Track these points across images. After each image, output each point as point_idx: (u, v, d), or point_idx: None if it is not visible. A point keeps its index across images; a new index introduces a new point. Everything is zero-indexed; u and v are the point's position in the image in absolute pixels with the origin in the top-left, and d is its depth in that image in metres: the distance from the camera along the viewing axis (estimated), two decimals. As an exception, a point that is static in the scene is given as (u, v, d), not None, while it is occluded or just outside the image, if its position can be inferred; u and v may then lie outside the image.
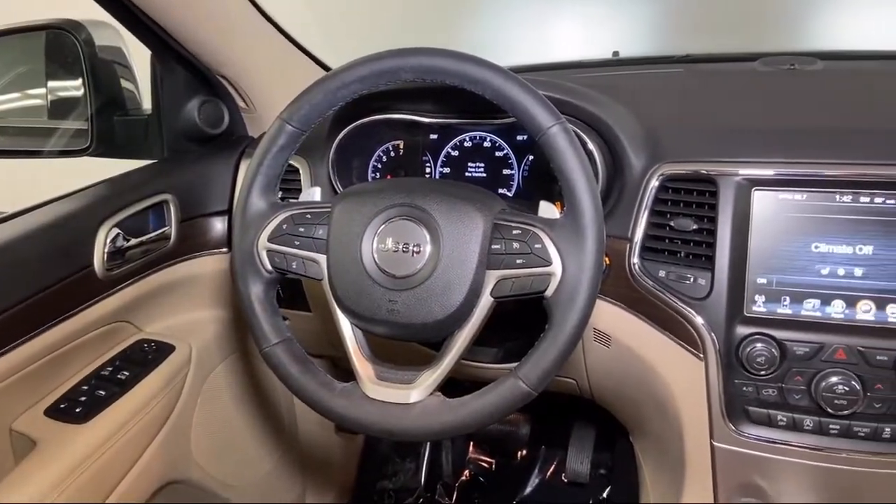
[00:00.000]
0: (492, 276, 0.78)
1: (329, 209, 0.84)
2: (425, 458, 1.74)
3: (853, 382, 0.84)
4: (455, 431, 0.80)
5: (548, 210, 0.82)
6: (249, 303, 0.85)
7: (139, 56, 1.30)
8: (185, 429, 1.31)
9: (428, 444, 1.74)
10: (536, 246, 0.77)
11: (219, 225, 1.29)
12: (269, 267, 0.85)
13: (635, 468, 1.27)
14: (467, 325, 0.79)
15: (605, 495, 1.63)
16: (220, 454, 1.41)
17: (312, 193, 0.89)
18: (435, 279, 0.78)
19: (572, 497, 1.67)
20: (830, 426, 0.86)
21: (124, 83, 1.31)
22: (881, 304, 0.85)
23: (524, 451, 1.76)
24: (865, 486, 0.89)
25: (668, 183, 0.93)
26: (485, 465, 1.79)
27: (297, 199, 0.88)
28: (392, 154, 1.17)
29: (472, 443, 1.80)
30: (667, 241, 0.93)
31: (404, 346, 1.04)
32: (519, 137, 1.10)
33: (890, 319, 0.85)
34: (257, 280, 0.85)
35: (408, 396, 0.80)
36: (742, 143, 0.93)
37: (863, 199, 0.86)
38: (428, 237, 0.79)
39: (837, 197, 0.87)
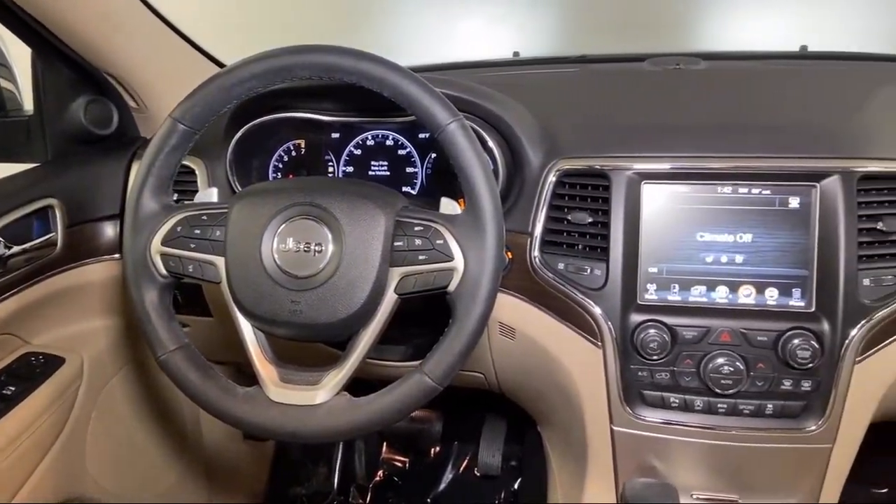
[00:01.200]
0: (395, 273, 0.79)
1: (226, 210, 0.82)
2: (338, 461, 1.72)
3: (737, 363, 0.89)
4: (363, 430, 0.80)
5: (449, 206, 0.83)
6: (143, 309, 0.82)
7: (20, 54, 1.23)
8: (79, 444, 1.25)
9: (340, 446, 1.72)
10: (438, 242, 0.78)
11: (110, 230, 1.23)
12: (163, 271, 0.82)
13: (544, 458, 1.31)
14: (372, 322, 0.79)
15: (516, 487, 1.66)
16: (119, 469, 1.35)
17: (209, 194, 0.87)
18: (338, 278, 0.78)
19: (484, 490, 1.69)
20: (719, 405, 0.92)
21: (3, 83, 1.23)
22: (761, 289, 0.91)
23: (437, 448, 1.77)
24: (752, 459, 0.95)
25: (565, 178, 0.96)
26: (398, 464, 1.79)
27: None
28: (293, 153, 1.16)
29: (385, 443, 1.80)
30: (565, 234, 0.96)
31: (309, 347, 1.03)
32: (421, 136, 1.11)
33: (769, 302, 0.91)
34: (151, 286, 0.82)
35: (313, 398, 0.79)
36: (632, 138, 0.97)
37: (742, 190, 0.92)
38: (330, 236, 0.79)
39: (719, 189, 0.92)
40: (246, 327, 0.82)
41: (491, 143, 1.00)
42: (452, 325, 0.78)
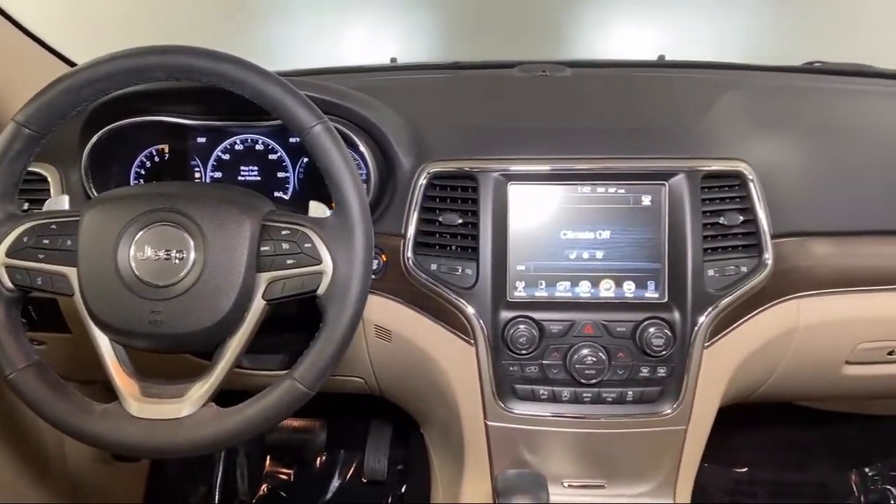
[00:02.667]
0: (262, 279, 0.78)
1: (78, 217, 0.77)
2: (218, 478, 1.66)
3: (600, 353, 0.94)
4: (232, 440, 0.78)
5: (318, 209, 0.83)
6: None
7: None
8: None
9: (220, 462, 1.66)
10: (306, 245, 0.78)
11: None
12: (8, 285, 0.77)
13: (427, 459, 1.32)
14: (239, 330, 0.78)
15: (403, 490, 1.67)
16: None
17: (59, 202, 0.82)
18: (201, 286, 0.76)
19: (371, 496, 1.69)
20: (584, 395, 0.96)
21: None
22: (619, 282, 0.97)
23: (323, 457, 1.74)
24: (616, 445, 1.00)
25: (435, 180, 0.98)
26: (283, 476, 1.75)
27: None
28: (157, 159, 1.11)
29: (268, 456, 1.75)
30: (437, 235, 0.98)
31: (174, 359, 0.99)
32: (292, 139, 1.09)
33: (627, 295, 0.96)
34: None
35: (179, 411, 0.77)
36: (499, 141, 1.00)
37: (600, 189, 0.97)
38: (191, 243, 0.76)
39: (580, 189, 0.97)
40: (103, 341, 0.78)
41: (362, 147, 1.01)
42: (323, 328, 0.78)
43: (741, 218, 0.95)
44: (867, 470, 1.70)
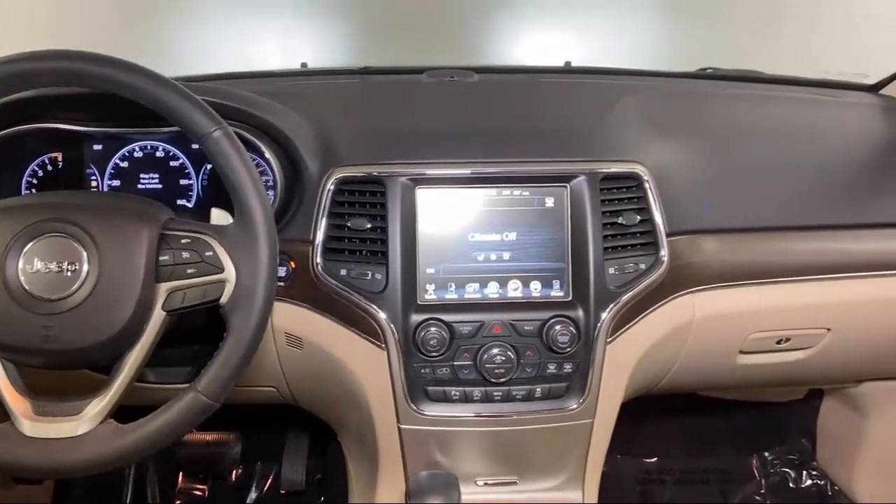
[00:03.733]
0: (162, 289, 0.76)
1: None
2: (128, 496, 1.59)
3: (509, 352, 0.96)
4: (133, 457, 0.76)
5: (220, 217, 0.81)
6: None
7: None
8: None
9: (130, 479, 1.60)
10: (207, 254, 0.76)
11: None
12: None
13: (345, 467, 1.31)
14: (138, 343, 0.76)
15: (321, 499, 1.65)
16: None
17: None
18: (96, 298, 0.73)
19: (290, 507, 1.66)
20: (494, 393, 0.98)
21: None
22: (526, 282, 0.99)
23: (239, 470, 1.70)
24: (527, 441, 1.03)
25: (343, 185, 0.98)
26: (197, 492, 1.70)
27: None
28: (50, 168, 1.06)
29: (181, 472, 1.69)
30: (346, 240, 0.98)
31: (71, 376, 0.95)
32: (195, 146, 1.07)
33: (534, 294, 0.99)
34: None
35: (75, 429, 0.74)
36: (406, 146, 1.01)
37: (505, 192, 0.99)
38: (84, 254, 0.74)
39: (486, 191, 0.99)
40: None
41: (268, 153, 1.00)
42: (227, 338, 0.77)
43: (638, 217, 0.99)
44: (767, 454, 1.80)
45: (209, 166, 1.07)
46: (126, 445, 0.73)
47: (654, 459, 1.79)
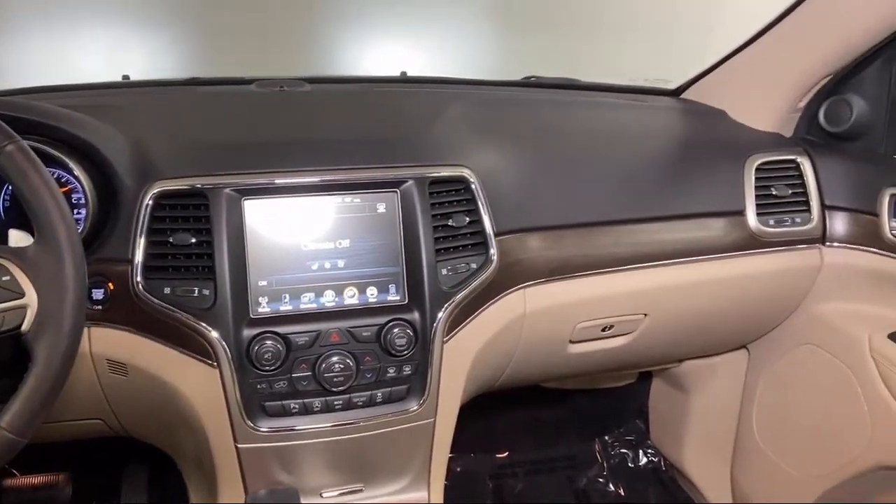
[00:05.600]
0: None
1: None
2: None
3: (347, 360, 0.96)
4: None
5: (19, 238, 0.75)
6: None
7: None
8: None
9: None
10: (4, 278, 0.70)
11: None
12: None
13: (187, 494, 1.24)
14: None
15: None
16: None
17: None
18: None
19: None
20: (335, 402, 0.97)
21: None
22: (362, 289, 0.99)
23: (71, 514, 1.56)
24: (371, 447, 1.02)
25: (164, 200, 0.93)
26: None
27: None
28: None
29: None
30: (169, 257, 0.93)
31: None
32: (-8, 163, 0.97)
33: (370, 300, 0.99)
34: None
35: None
36: (232, 157, 0.98)
37: (337, 199, 0.99)
38: None
39: (317, 200, 0.98)
40: None
41: (77, 170, 0.93)
42: (32, 369, 0.71)
43: (468, 219, 1.02)
44: (607, 438, 1.92)
45: (9, 186, 0.98)
46: None
47: (506, 454, 1.86)
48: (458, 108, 1.22)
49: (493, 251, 1.03)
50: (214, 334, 0.92)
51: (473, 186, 1.03)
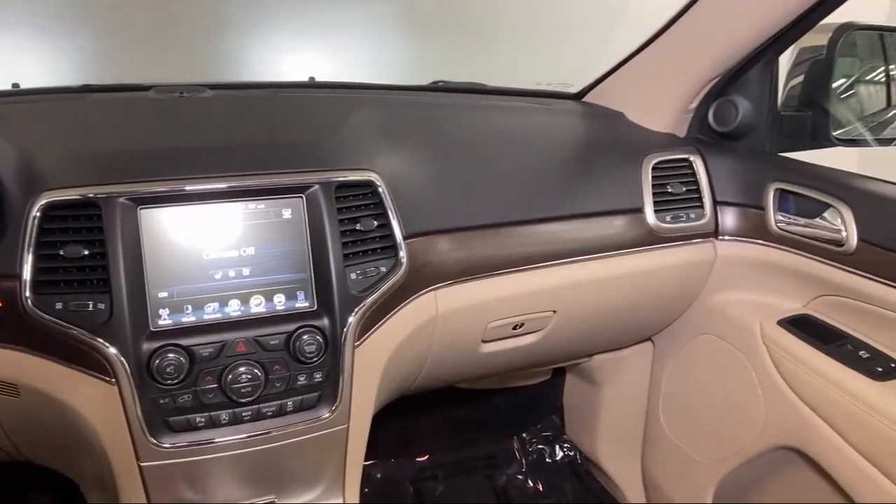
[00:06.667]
0: None
1: None
2: None
3: (255, 370, 0.93)
4: None
5: None
6: None
7: None
8: None
9: None
10: None
11: None
12: None
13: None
14: None
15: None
16: None
17: None
18: None
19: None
20: (243, 414, 0.94)
21: None
22: (269, 296, 0.97)
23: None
24: (283, 457, 1.00)
25: (52, 211, 0.89)
26: None
27: None
28: None
29: None
30: (60, 271, 0.89)
31: None
32: None
33: (278, 308, 0.97)
34: None
35: None
36: (126, 164, 0.95)
37: (240, 206, 0.96)
38: None
39: (218, 207, 0.95)
40: None
41: None
42: None
43: (376, 223, 1.02)
44: (525, 435, 1.96)
45: None
46: None
47: (426, 457, 1.86)
48: (365, 113, 1.22)
49: (402, 254, 1.03)
50: (112, 350, 0.88)
51: (381, 190, 1.03)
